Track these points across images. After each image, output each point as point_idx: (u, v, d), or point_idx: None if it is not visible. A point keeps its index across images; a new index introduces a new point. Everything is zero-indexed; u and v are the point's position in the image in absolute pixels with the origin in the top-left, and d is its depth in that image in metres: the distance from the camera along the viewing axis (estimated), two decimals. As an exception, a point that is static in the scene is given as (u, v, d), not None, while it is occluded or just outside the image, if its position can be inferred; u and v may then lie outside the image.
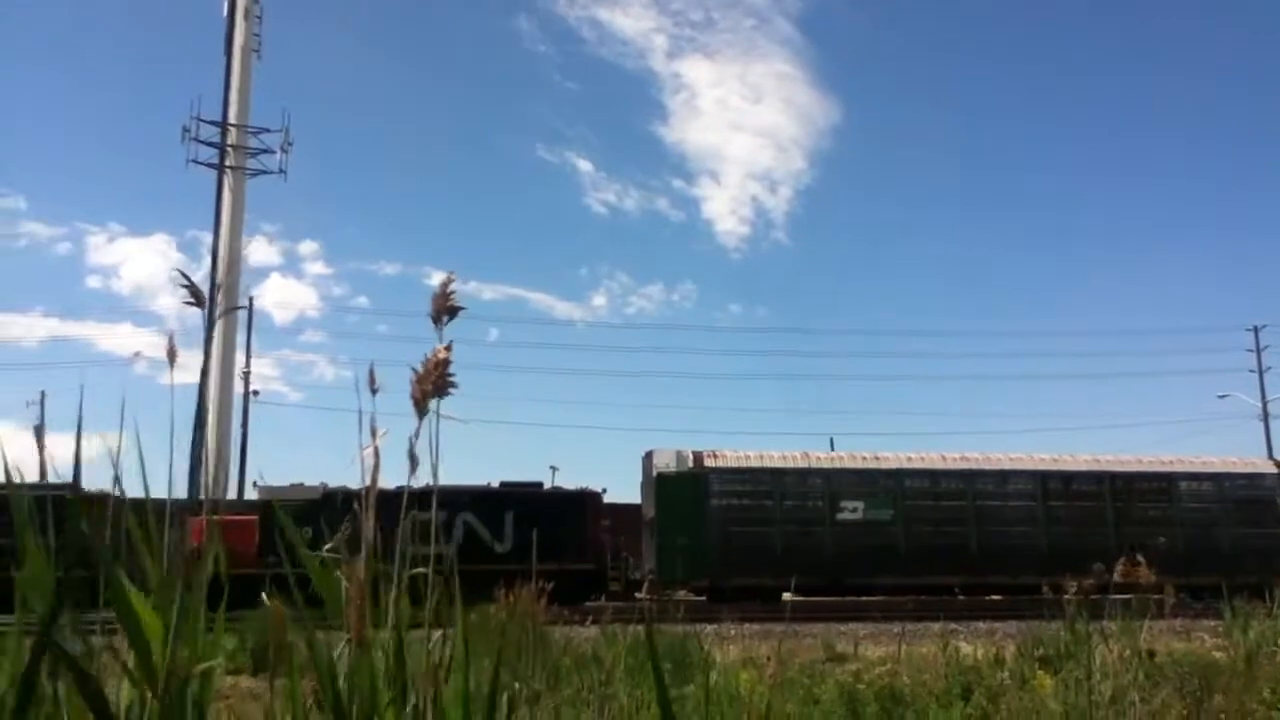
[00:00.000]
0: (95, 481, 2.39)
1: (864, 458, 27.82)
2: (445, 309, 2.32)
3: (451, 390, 2.18)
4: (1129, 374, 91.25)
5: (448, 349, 2.19)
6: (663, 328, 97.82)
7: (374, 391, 2.31)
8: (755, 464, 26.92)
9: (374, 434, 2.28)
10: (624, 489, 40.92)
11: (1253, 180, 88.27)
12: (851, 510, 26.44)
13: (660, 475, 26.38)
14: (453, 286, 2.35)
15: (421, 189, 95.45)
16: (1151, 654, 6.38)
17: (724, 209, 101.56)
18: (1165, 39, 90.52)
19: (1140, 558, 6.76)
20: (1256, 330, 51.25)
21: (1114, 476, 27.62)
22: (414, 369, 2.18)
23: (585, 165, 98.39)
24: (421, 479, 2.23)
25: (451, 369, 2.19)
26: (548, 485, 27.56)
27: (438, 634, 2.20)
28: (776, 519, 26.21)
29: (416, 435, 2.19)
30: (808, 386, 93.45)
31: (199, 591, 2.02)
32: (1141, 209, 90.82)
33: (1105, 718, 5.43)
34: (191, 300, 2.34)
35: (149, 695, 1.87)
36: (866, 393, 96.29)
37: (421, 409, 2.17)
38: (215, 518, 2.43)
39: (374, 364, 2.36)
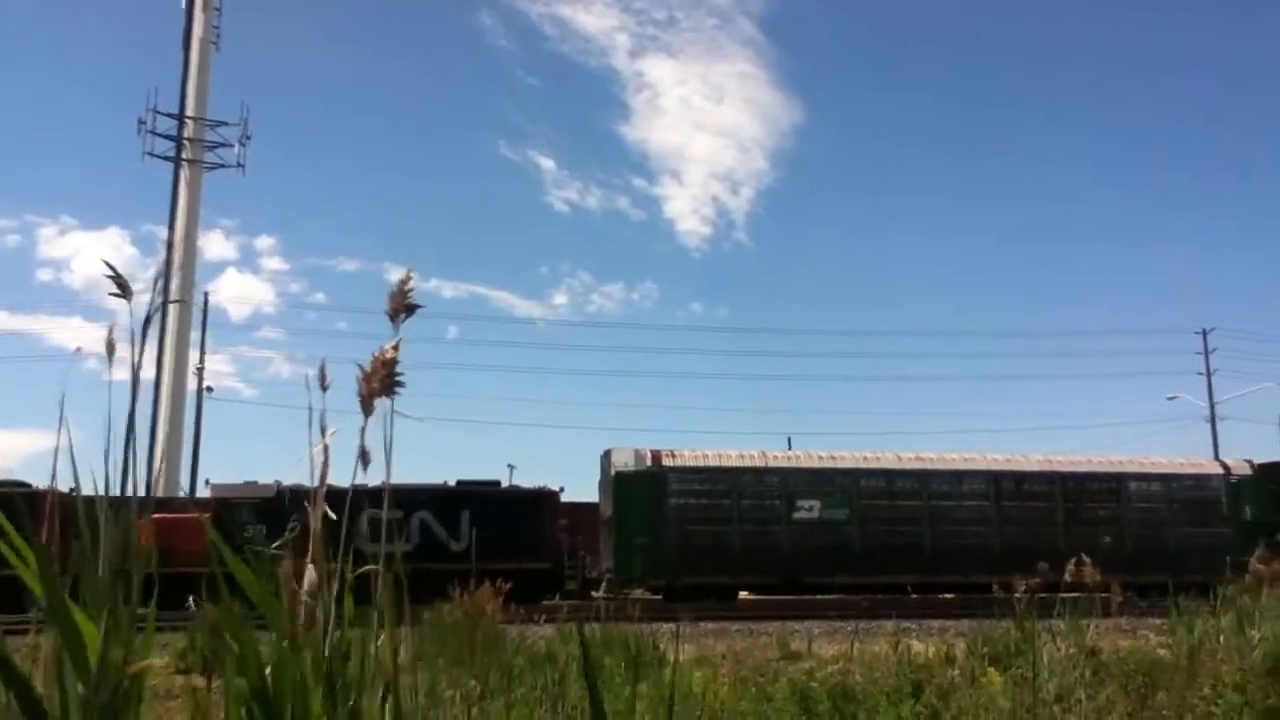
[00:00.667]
0: (44, 478, 2.36)
1: (820, 457, 27.99)
2: (403, 306, 2.31)
3: (399, 390, 2.17)
4: (1081, 375, 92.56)
5: (395, 348, 2.19)
6: (624, 326, 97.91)
7: (324, 389, 2.30)
8: (713, 463, 26.99)
9: (324, 432, 2.27)
10: (582, 488, 40.94)
11: (1203, 183, 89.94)
12: (808, 509, 26.59)
13: (618, 474, 26.39)
14: (411, 284, 2.34)
15: (382, 185, 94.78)
16: (1094, 652, 6.49)
17: (685, 209, 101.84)
18: (1121, 38, 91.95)
19: (1086, 559, 6.84)
20: (1205, 333, 52.20)
21: (1065, 477, 28.02)
22: (360, 367, 2.18)
23: (547, 163, 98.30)
24: (374, 477, 2.24)
25: (400, 367, 2.19)
26: (505, 484, 27.49)
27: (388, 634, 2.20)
28: (734, 518, 26.29)
29: (364, 432, 2.19)
30: (767, 386, 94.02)
31: (133, 589, 2.00)
32: (1092, 210, 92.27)
33: (1052, 715, 5.52)
34: (118, 292, 2.31)
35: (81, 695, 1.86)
36: (824, 392, 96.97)
37: (368, 408, 2.17)
38: (164, 515, 2.42)
39: (325, 361, 2.35)
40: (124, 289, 2.22)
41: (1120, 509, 27.79)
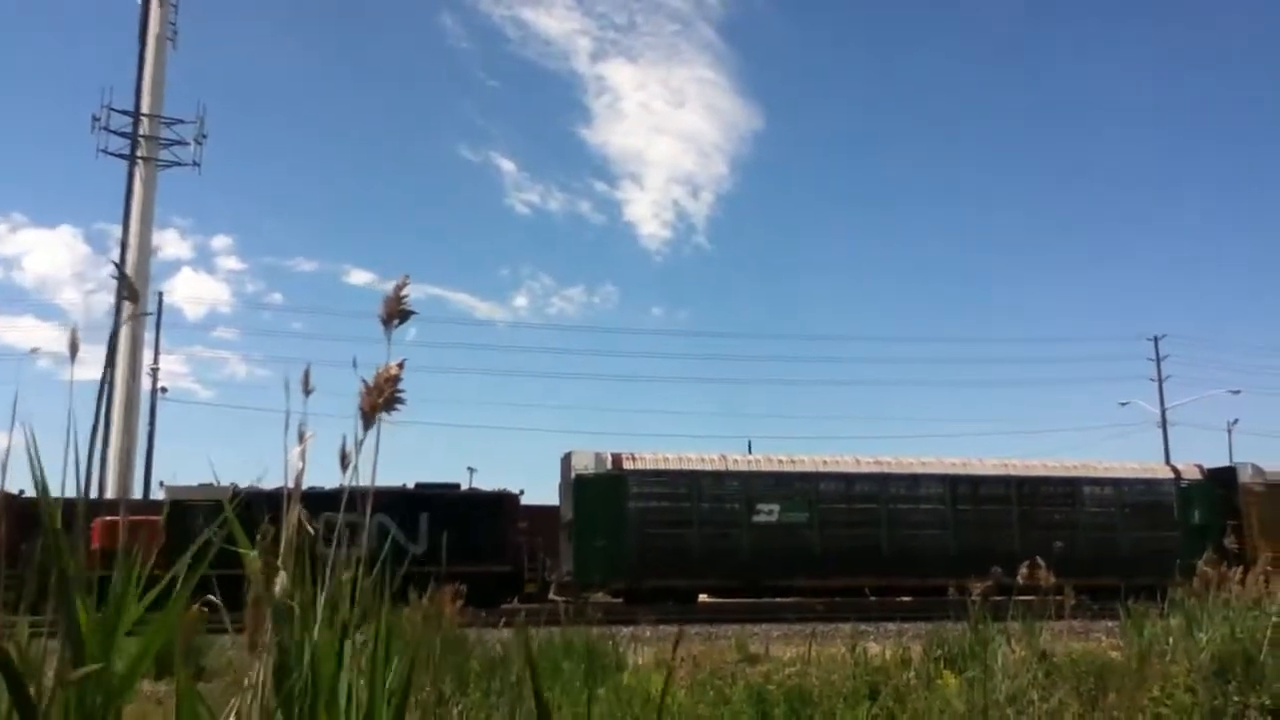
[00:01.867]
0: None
1: (780, 460, 28.13)
2: (397, 312, 2.32)
3: (400, 406, 2.19)
4: (1036, 381, 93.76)
5: (400, 365, 2.20)
6: (585, 329, 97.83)
7: (307, 393, 2.31)
8: (673, 466, 27.05)
9: (301, 437, 2.28)
10: (543, 491, 40.78)
11: (1155, 191, 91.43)
12: (767, 512, 26.72)
13: (579, 477, 26.36)
14: (407, 290, 2.35)
15: (341, 185, 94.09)
16: (1047, 654, 6.59)
17: (646, 212, 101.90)
18: (1078, 48, 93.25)
19: (1040, 562, 6.98)
20: (1156, 340, 53.13)
21: (1021, 481, 28.37)
22: (364, 381, 2.19)
23: (508, 165, 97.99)
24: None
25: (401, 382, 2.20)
26: (465, 486, 27.36)
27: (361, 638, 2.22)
28: (694, 521, 26.37)
29: (361, 443, 2.20)
30: (728, 389, 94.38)
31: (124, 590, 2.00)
32: (1046, 217, 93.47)
33: (1005, 717, 5.60)
34: (126, 295, 2.30)
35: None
36: (784, 396, 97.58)
37: (369, 422, 2.18)
38: (122, 518, 2.40)
39: (309, 366, 2.36)
40: (132, 292, 2.21)
41: (1074, 513, 28.19)
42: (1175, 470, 30.34)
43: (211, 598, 2.22)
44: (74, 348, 2.38)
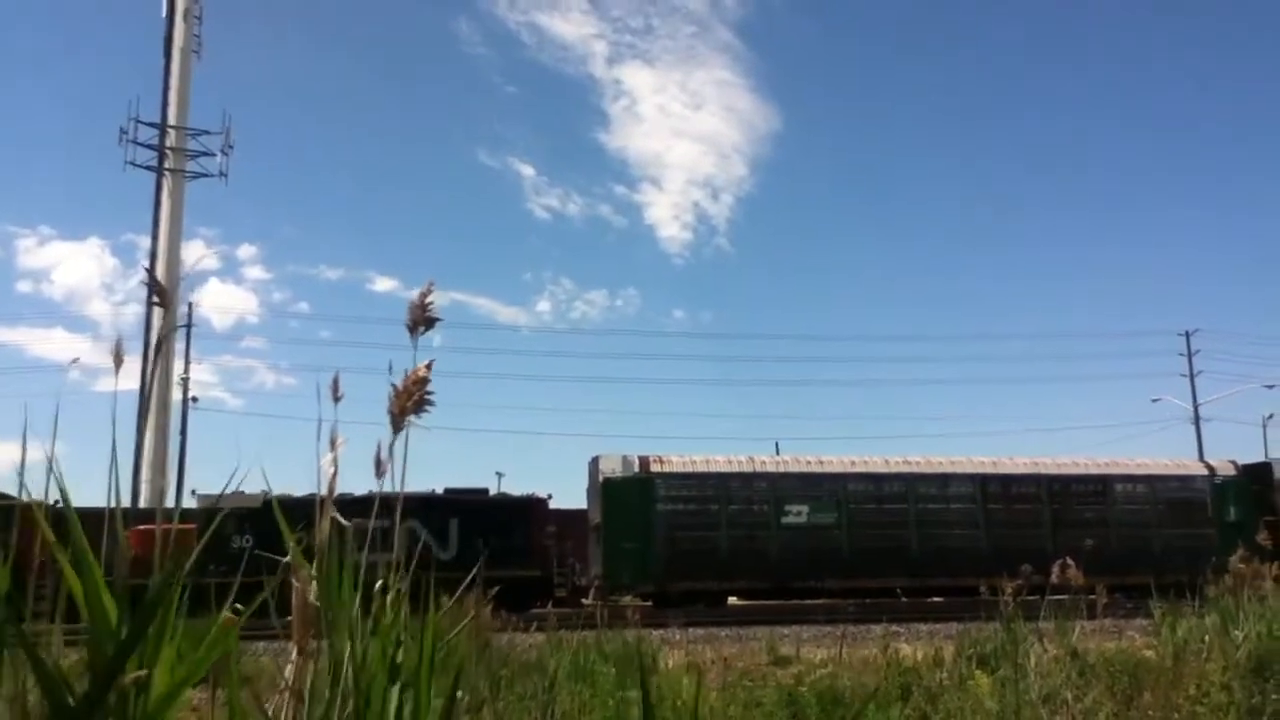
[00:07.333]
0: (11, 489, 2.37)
1: (808, 461, 28.03)
2: (423, 320, 2.34)
3: (429, 408, 2.21)
4: (1066, 378, 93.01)
5: (428, 367, 2.22)
6: (608, 333, 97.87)
7: (336, 400, 2.33)
8: (701, 469, 27.02)
9: (333, 443, 2.30)
10: (571, 495, 40.85)
11: (1184, 185, 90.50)
12: (796, 514, 26.64)
13: (606, 480, 26.37)
14: (432, 297, 2.38)
15: (363, 192, 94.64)
16: (1079, 654, 6.54)
17: (666, 215, 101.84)
18: (1100, 40, 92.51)
19: (1071, 561, 6.93)
20: (1188, 335, 52.55)
21: (1052, 479, 28.13)
22: (393, 385, 2.21)
23: (527, 170, 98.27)
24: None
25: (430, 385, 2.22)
26: (493, 491, 27.43)
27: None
28: (722, 523, 26.32)
29: (391, 446, 2.22)
30: (754, 391, 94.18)
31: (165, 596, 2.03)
32: (1074, 212, 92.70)
33: (1039, 716, 5.56)
34: (157, 300, 2.34)
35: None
36: (810, 397, 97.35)
37: (399, 425, 2.20)
38: (158, 526, 2.43)
39: (338, 372, 2.38)
40: (163, 298, 2.25)
41: (1106, 510, 27.92)
42: (1209, 466, 30.00)
43: (239, 605, 2.25)
44: (118, 360, 2.41)
